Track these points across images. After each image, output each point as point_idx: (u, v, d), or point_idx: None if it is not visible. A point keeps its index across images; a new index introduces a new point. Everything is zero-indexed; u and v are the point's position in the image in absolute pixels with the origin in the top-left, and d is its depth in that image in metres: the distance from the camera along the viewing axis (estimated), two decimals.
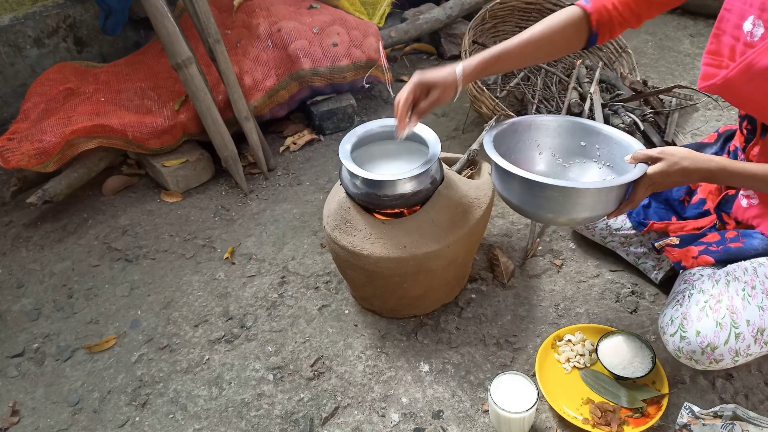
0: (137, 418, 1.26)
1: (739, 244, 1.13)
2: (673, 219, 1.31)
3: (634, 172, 1.07)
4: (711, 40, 1.09)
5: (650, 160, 1.07)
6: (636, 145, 1.17)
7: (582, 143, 1.28)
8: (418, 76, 1.15)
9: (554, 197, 1.08)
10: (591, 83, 1.92)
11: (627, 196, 1.11)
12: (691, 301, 1.11)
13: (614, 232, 1.45)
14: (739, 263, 1.12)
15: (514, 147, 1.29)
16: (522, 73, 2.07)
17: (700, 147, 1.35)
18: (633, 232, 1.41)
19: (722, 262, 1.15)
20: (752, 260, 1.10)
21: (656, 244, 1.27)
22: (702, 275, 1.16)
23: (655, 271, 1.42)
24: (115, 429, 1.25)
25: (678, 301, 1.15)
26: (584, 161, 1.29)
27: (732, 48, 1.04)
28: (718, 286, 1.09)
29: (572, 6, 1.19)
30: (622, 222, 1.42)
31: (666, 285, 1.43)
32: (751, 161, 1.12)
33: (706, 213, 1.26)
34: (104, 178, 1.95)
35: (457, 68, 1.15)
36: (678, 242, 1.23)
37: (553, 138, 1.31)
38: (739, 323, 1.04)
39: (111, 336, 1.45)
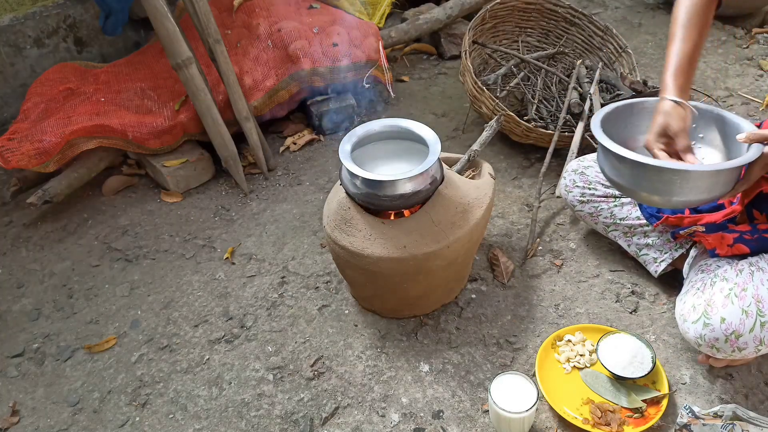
0: (137, 418, 1.26)
1: None
2: (686, 212, 1.31)
3: (752, 153, 1.04)
4: None
5: (767, 141, 1.05)
6: (748, 126, 1.13)
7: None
8: (655, 139, 1.13)
9: (672, 180, 1.05)
10: (591, 83, 1.92)
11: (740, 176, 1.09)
12: (715, 289, 1.11)
13: (618, 222, 1.44)
14: (761, 255, 1.13)
15: (617, 130, 1.23)
16: (522, 73, 2.07)
17: None
18: (638, 222, 1.41)
19: (756, 252, 1.15)
20: None
21: (682, 232, 1.26)
22: (720, 265, 1.16)
23: (656, 264, 1.41)
24: (115, 429, 1.25)
25: (698, 288, 1.15)
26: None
27: None
28: (742, 276, 1.10)
29: None
30: (627, 212, 1.42)
31: (664, 282, 1.43)
32: None
33: (721, 207, 1.25)
34: (104, 178, 1.95)
35: (670, 100, 1.13)
36: (704, 229, 1.23)
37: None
38: (765, 312, 1.04)
39: (111, 336, 1.45)
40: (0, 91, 2.25)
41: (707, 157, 1.21)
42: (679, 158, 1.11)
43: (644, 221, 1.40)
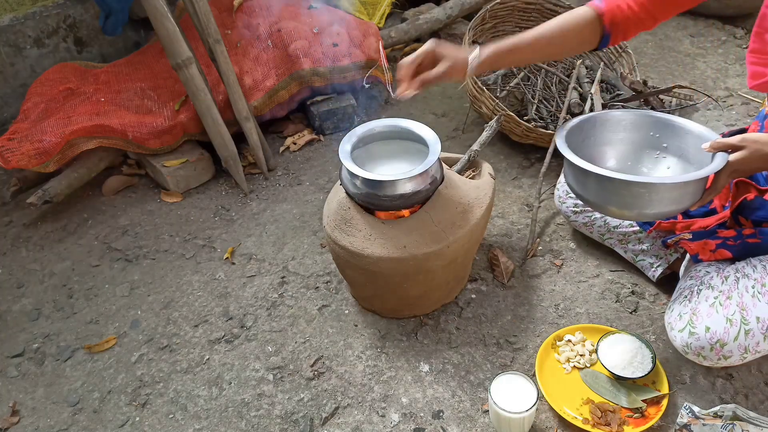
0: (137, 418, 1.26)
1: (757, 240, 1.13)
2: (679, 217, 1.31)
3: (717, 162, 1.05)
4: (753, 38, 1.11)
5: (731, 149, 1.05)
6: (711, 135, 1.13)
7: (651, 133, 1.24)
8: (431, 44, 1.14)
9: (640, 194, 1.06)
10: (591, 83, 1.92)
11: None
12: (700, 297, 1.11)
13: (612, 230, 1.45)
14: (747, 260, 1.12)
15: (581, 144, 1.24)
16: (522, 73, 2.07)
17: None
18: (631, 229, 1.41)
19: (741, 256, 1.15)
20: (761, 258, 1.11)
21: (669, 241, 1.27)
22: (708, 271, 1.16)
23: (653, 269, 1.42)
24: (115, 429, 1.25)
25: (686, 296, 1.15)
26: (653, 154, 1.25)
27: None
28: (727, 283, 1.10)
29: (585, 6, 1.18)
30: (620, 220, 1.43)
31: (664, 283, 1.43)
32: None
33: (712, 212, 1.26)
34: (104, 178, 1.95)
35: (473, 52, 1.14)
36: (691, 237, 1.23)
37: (616, 133, 1.27)
38: (749, 320, 1.04)
39: (111, 336, 1.45)
40: (0, 91, 2.25)
41: (672, 166, 1.22)
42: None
43: (637, 228, 1.40)
